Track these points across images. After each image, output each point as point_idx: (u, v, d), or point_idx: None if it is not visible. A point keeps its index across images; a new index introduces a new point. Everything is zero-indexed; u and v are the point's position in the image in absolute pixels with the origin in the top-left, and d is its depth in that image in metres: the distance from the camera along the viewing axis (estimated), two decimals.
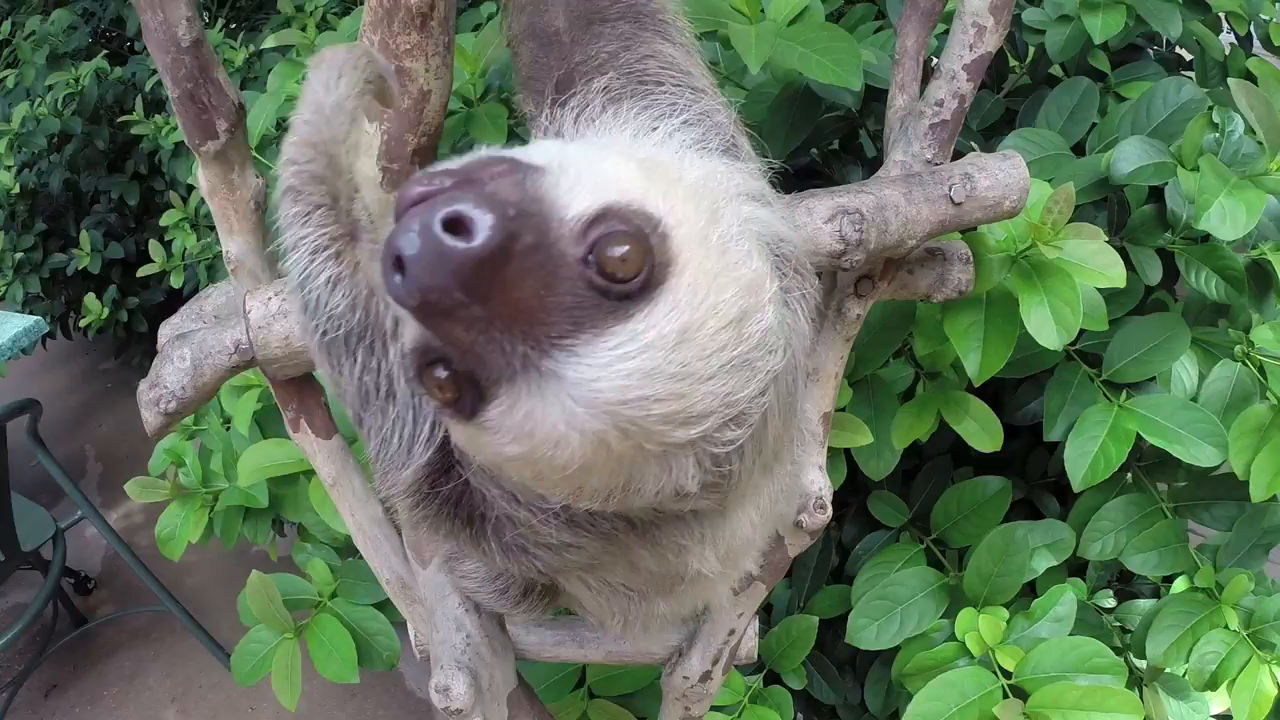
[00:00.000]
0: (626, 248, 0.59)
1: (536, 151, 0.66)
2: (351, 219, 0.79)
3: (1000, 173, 1.18)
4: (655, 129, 0.83)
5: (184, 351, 1.21)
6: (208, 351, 1.19)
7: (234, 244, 1.27)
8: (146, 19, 1.08)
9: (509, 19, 0.96)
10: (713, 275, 0.63)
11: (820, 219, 1.05)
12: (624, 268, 0.59)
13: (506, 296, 0.56)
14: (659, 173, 0.69)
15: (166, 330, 1.39)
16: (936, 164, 1.22)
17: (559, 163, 0.64)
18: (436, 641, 1.17)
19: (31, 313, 3.71)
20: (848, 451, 1.70)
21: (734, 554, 0.86)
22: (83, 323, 3.47)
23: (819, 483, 1.27)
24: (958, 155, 1.28)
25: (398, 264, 0.55)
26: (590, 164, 0.65)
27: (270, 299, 1.04)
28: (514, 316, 0.57)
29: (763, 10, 1.52)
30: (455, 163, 0.63)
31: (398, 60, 0.94)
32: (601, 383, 0.58)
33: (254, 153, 2.17)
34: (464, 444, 0.70)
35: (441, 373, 0.61)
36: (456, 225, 0.55)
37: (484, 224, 0.55)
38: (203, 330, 1.25)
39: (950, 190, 1.15)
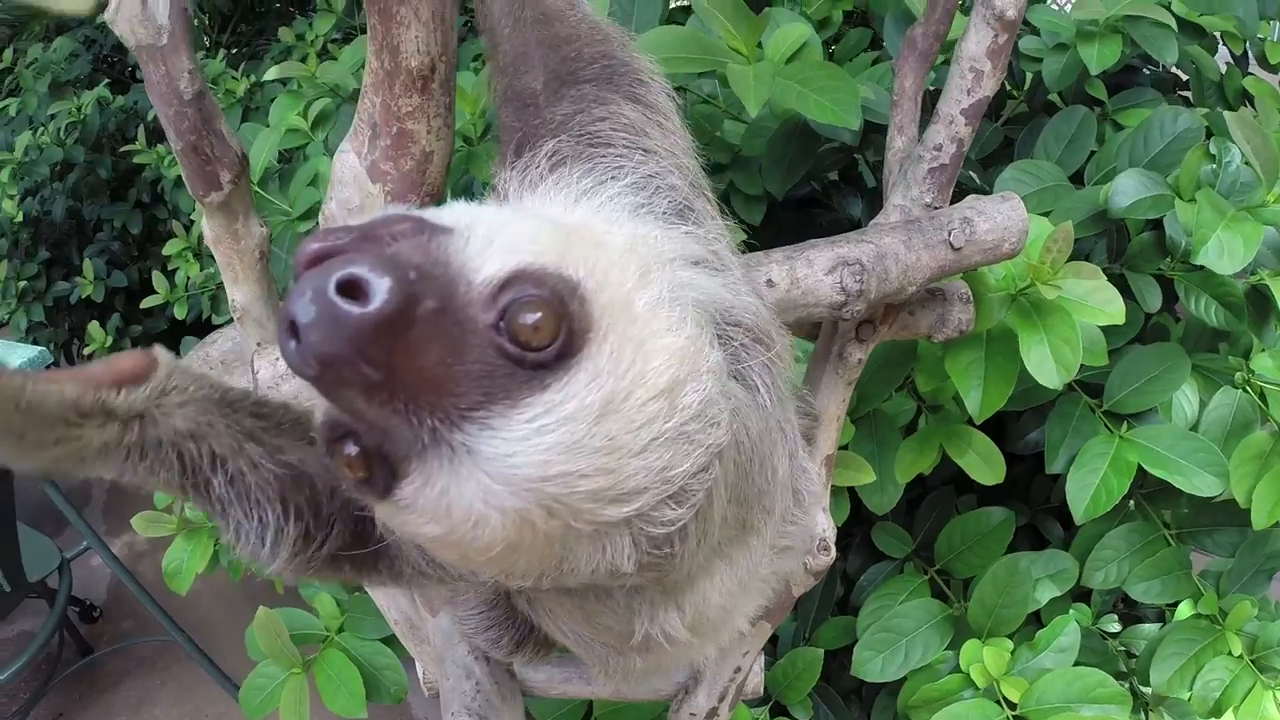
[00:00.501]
0: (540, 314, 0.56)
1: (446, 212, 0.63)
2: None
3: (999, 215, 1.19)
4: (595, 192, 0.79)
5: None
6: None
7: (239, 292, 1.29)
8: (149, 71, 1.10)
9: (494, 82, 0.96)
10: (638, 342, 0.59)
11: (821, 270, 1.06)
12: (538, 335, 0.55)
13: (410, 365, 0.53)
14: (581, 236, 0.66)
15: None
16: (936, 207, 1.23)
17: (469, 223, 0.60)
18: (447, 689, 1.18)
19: (35, 340, 3.72)
20: (851, 486, 1.71)
21: (709, 621, 0.84)
22: (86, 350, 3.46)
23: (823, 524, 1.28)
24: (957, 186, 1.30)
25: (292, 329, 0.52)
26: (504, 226, 0.62)
27: (278, 359, 1.05)
28: (419, 387, 0.54)
29: (760, 44, 1.53)
30: (356, 220, 0.60)
31: (400, 123, 0.95)
32: (519, 458, 0.55)
33: (256, 187, 2.19)
34: (384, 519, 0.67)
35: (351, 449, 0.58)
36: (352, 288, 0.51)
37: (381, 287, 0.51)
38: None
39: (950, 235, 1.16)
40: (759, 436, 0.72)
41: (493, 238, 0.59)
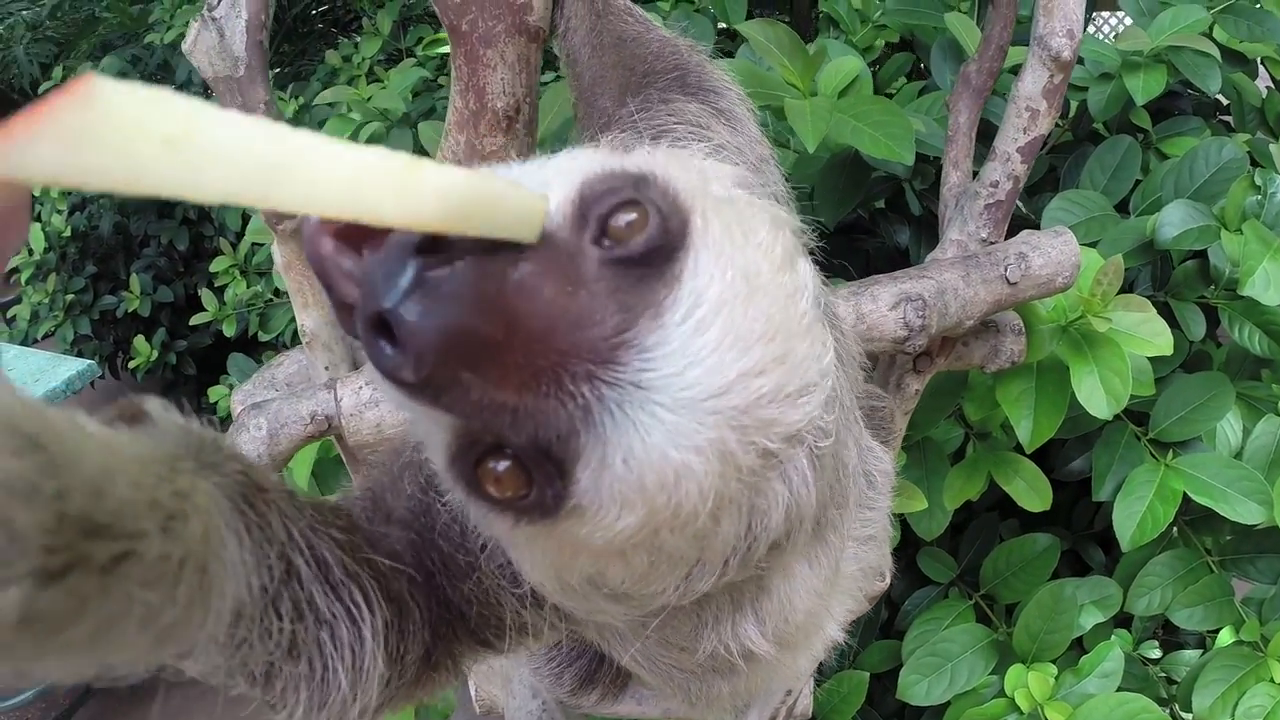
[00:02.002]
0: (631, 210, 0.48)
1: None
2: None
3: (1053, 250, 1.22)
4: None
5: (260, 421, 1.25)
6: (284, 421, 1.23)
7: (309, 318, 1.32)
8: (225, 102, 1.13)
9: (577, 108, 0.99)
10: (736, 216, 0.52)
11: (885, 306, 1.09)
12: (639, 231, 0.48)
13: (534, 307, 0.44)
14: (622, 151, 0.58)
15: (239, 398, 1.44)
16: (992, 242, 1.26)
17: (521, 171, 0.54)
18: (513, 708, 1.21)
19: (80, 353, 3.78)
20: (900, 513, 1.73)
21: (798, 630, 0.75)
22: (131, 365, 3.53)
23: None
24: None
25: (379, 327, 0.42)
26: (545, 164, 0.55)
27: (361, 388, 1.08)
28: (554, 329, 0.44)
29: (813, 79, 1.56)
30: None
31: (484, 160, 0.99)
32: (691, 370, 0.46)
33: None
34: (545, 572, 0.56)
35: (501, 464, 0.48)
36: (433, 250, 0.43)
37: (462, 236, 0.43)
38: (277, 400, 1.30)
39: (1006, 270, 1.18)
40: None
41: (543, 173, 0.53)
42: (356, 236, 0.44)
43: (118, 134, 0.35)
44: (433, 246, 0.42)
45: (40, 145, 0.34)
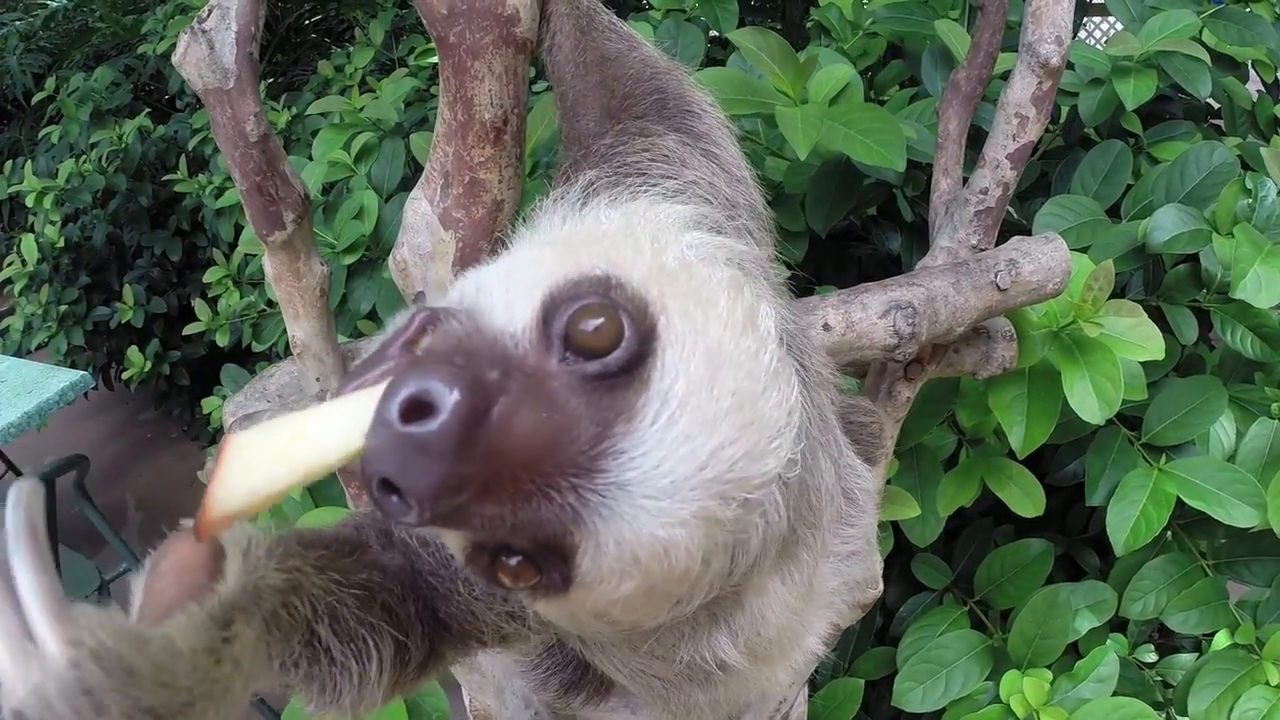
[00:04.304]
0: (594, 319, 0.53)
1: (452, 293, 0.61)
2: None
3: (1043, 256, 1.22)
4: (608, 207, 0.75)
5: None
6: None
7: (300, 329, 1.32)
8: (215, 114, 1.13)
9: (561, 127, 1.00)
10: (693, 294, 0.57)
11: (875, 314, 1.09)
12: (603, 338, 0.52)
13: (514, 441, 0.49)
14: (580, 240, 0.64)
15: (231, 408, 1.43)
16: (982, 249, 1.26)
17: (476, 289, 0.58)
18: (505, 718, 1.21)
19: (73, 363, 3.78)
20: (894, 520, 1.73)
21: (771, 643, 0.79)
22: (125, 375, 3.53)
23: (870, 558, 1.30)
24: None
25: (384, 487, 0.48)
26: (510, 273, 0.59)
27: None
28: (535, 455, 0.50)
29: (804, 87, 1.56)
30: (368, 352, 0.56)
31: (472, 172, 0.99)
32: (667, 462, 0.51)
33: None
34: (565, 621, 0.63)
35: (511, 560, 0.55)
36: (417, 410, 0.47)
37: (439, 389, 0.47)
38: (269, 412, 1.30)
39: (996, 277, 1.18)
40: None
41: (506, 288, 0.57)
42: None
43: (265, 453, 0.51)
44: (418, 408, 0.47)
45: (230, 489, 0.51)
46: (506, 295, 0.56)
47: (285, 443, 0.51)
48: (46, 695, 0.47)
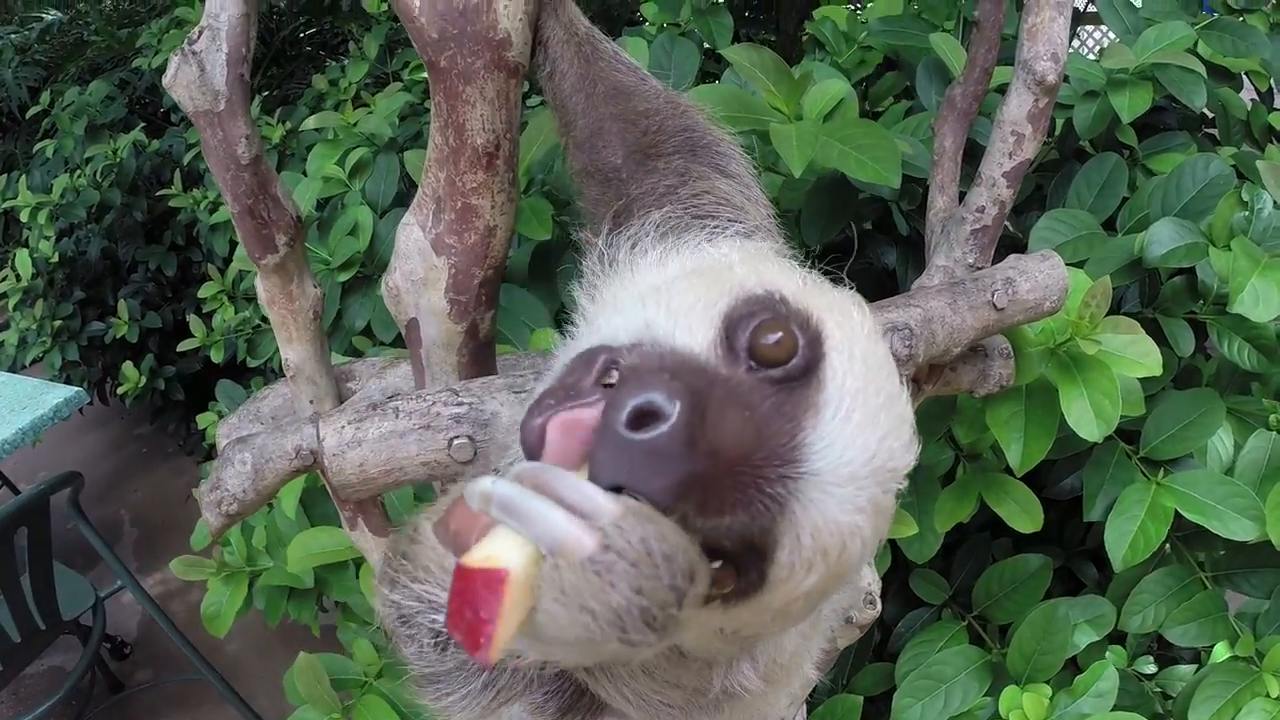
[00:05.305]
0: (774, 332, 0.60)
1: (619, 332, 0.65)
2: None
3: (1040, 274, 1.21)
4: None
5: (245, 456, 1.23)
6: (269, 456, 1.22)
7: (293, 352, 1.31)
8: (206, 136, 1.12)
9: (571, 157, 1.00)
10: (832, 305, 0.65)
11: None
12: (783, 349, 0.59)
13: (729, 439, 0.55)
14: (714, 267, 0.70)
15: (224, 430, 1.42)
16: (979, 268, 1.25)
17: (646, 323, 0.64)
18: None
19: (68, 379, 3.78)
20: (892, 538, 1.73)
21: (782, 668, 0.84)
22: (120, 390, 3.52)
23: (868, 577, 1.29)
24: None
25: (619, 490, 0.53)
26: (667, 303, 0.65)
27: (343, 427, 1.07)
28: (748, 450, 0.56)
29: (799, 102, 1.56)
30: (561, 381, 0.60)
31: (464, 198, 0.98)
32: (848, 451, 0.58)
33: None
34: (730, 628, 0.65)
35: (714, 564, 0.57)
36: (644, 418, 0.53)
37: (660, 397, 0.53)
38: (262, 434, 1.29)
39: (993, 296, 1.18)
40: None
41: (672, 316, 0.63)
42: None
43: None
44: (643, 417, 0.53)
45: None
46: (679, 321, 0.62)
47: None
48: (626, 530, 0.50)
